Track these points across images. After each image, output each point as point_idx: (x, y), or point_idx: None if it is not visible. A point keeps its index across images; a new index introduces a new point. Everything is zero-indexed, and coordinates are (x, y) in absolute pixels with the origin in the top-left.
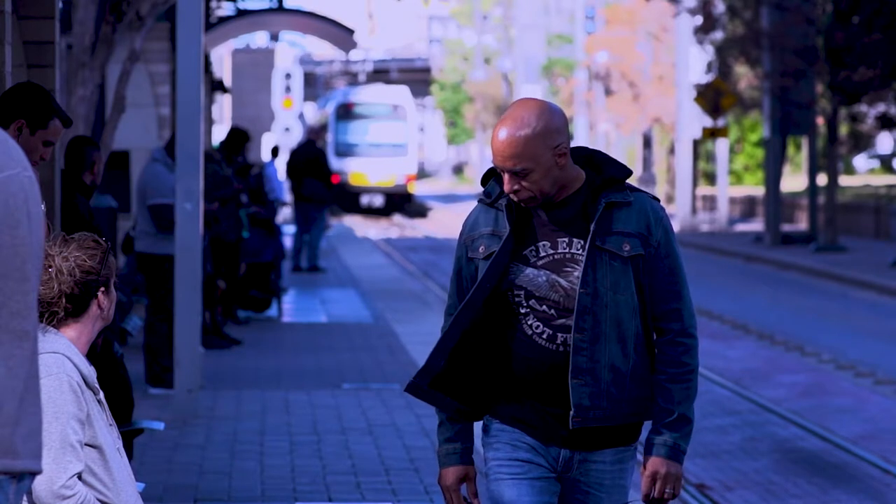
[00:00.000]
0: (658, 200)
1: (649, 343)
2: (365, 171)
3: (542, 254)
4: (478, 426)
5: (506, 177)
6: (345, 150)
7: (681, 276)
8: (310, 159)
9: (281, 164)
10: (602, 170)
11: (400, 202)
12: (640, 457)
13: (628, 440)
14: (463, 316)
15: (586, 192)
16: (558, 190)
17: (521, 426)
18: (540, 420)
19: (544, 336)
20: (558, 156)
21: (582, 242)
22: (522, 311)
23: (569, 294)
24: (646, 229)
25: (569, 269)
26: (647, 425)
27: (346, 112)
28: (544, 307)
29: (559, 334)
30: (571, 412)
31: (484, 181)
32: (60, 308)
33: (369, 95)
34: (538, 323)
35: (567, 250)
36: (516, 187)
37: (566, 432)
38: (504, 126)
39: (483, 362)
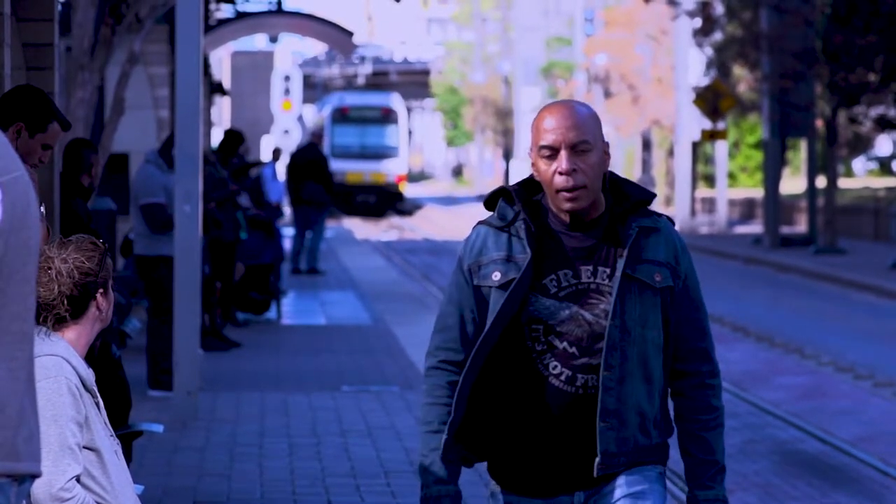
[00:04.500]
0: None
1: (667, 385)
2: (358, 171)
3: (564, 283)
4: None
5: (563, 154)
6: (340, 153)
7: (705, 310)
8: (311, 162)
9: (281, 167)
10: (624, 192)
11: (391, 201)
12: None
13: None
14: (481, 352)
15: (610, 215)
16: (589, 206)
17: (528, 493)
18: (551, 475)
19: (562, 378)
20: (605, 153)
21: (608, 271)
22: (539, 348)
23: (593, 329)
24: (674, 259)
25: (594, 300)
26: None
27: (341, 116)
28: (565, 344)
29: (579, 375)
30: (598, 459)
31: (489, 205)
32: (62, 310)
33: (362, 100)
34: (556, 363)
35: (592, 279)
36: (574, 168)
37: (581, 477)
38: (558, 106)
39: (489, 407)
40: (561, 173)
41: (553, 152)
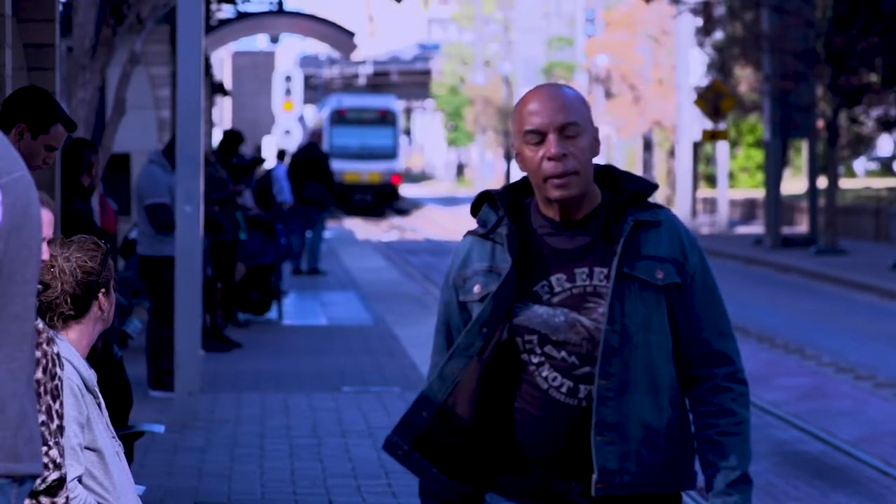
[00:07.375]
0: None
1: (682, 393)
2: (356, 171)
3: (558, 288)
4: None
5: (551, 138)
6: (338, 153)
7: (723, 310)
8: (312, 162)
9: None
10: (621, 184)
11: (388, 200)
12: None
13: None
14: (454, 366)
15: (605, 210)
16: (580, 199)
17: (530, 502)
18: (554, 493)
19: (563, 390)
20: (595, 139)
21: (605, 271)
22: (535, 360)
23: (593, 336)
24: (680, 254)
25: (591, 304)
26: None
27: (339, 117)
28: (563, 354)
29: (581, 386)
30: (594, 476)
31: (474, 210)
32: (65, 308)
33: (360, 102)
34: (555, 374)
35: (588, 282)
36: (564, 152)
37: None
38: (543, 88)
39: (483, 427)
40: (550, 158)
41: (540, 137)
